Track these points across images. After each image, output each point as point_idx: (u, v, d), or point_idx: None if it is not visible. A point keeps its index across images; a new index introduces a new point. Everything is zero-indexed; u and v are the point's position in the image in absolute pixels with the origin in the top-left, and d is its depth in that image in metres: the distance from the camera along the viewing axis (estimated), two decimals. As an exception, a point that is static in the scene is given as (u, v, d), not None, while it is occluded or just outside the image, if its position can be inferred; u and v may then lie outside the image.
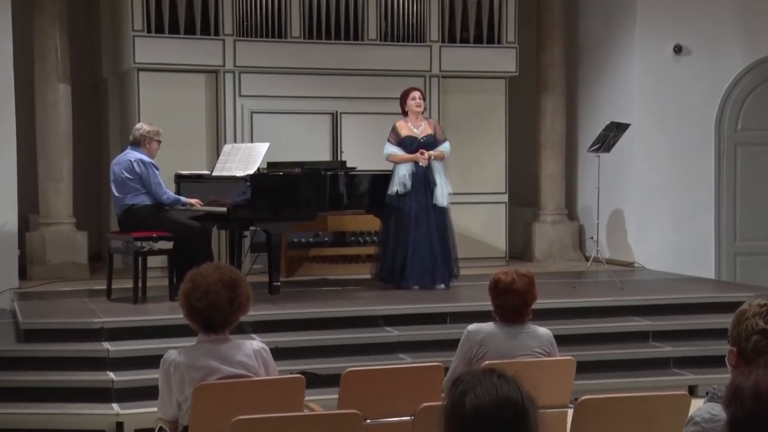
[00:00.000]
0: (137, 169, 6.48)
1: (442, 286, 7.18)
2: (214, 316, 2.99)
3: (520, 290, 3.66)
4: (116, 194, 6.55)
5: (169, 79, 8.12)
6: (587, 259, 8.62)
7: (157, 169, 6.54)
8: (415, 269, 7.14)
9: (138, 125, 6.70)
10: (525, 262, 9.15)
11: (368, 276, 7.47)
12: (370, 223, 7.82)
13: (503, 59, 8.87)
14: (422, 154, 7.15)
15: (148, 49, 7.95)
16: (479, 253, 8.81)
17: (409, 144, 7.25)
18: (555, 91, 9.40)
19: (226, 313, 3.00)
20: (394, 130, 7.31)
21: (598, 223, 7.91)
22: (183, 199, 6.67)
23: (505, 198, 9.03)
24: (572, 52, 9.61)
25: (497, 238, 8.97)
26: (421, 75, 8.66)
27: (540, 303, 3.95)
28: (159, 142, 6.66)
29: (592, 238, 8.30)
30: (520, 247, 9.58)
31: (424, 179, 7.17)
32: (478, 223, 8.94)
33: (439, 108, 8.74)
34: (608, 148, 7.72)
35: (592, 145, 7.72)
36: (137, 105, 8.02)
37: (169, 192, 6.61)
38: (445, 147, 7.31)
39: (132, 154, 6.57)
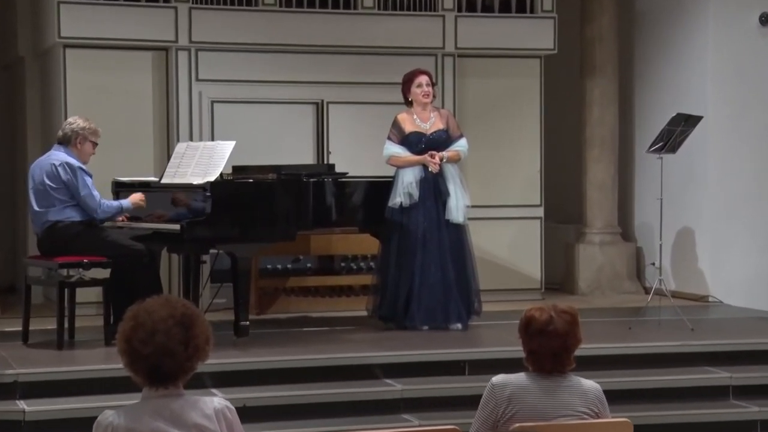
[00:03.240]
0: (62, 175, 6.50)
1: (459, 326, 7.20)
2: (163, 364, 3.00)
3: (560, 332, 3.66)
4: (36, 208, 6.57)
5: (104, 58, 8.16)
6: (647, 291, 8.63)
7: (89, 176, 6.56)
8: (424, 304, 7.16)
9: (71, 119, 6.72)
10: (566, 296, 9.16)
11: (363, 313, 7.48)
12: (366, 244, 7.83)
13: (537, 33, 8.92)
14: (432, 155, 7.18)
15: (77, 20, 8.00)
16: (507, 283, 8.82)
17: (415, 142, 7.27)
18: (604, 74, 9.44)
19: (178, 359, 3.01)
20: (396, 125, 7.34)
21: (661, 245, 7.93)
22: (124, 203, 6.68)
23: (540, 212, 9.06)
24: (627, 23, 9.66)
25: (530, 263, 8.99)
26: (431, 53, 8.70)
27: (585, 348, 3.96)
28: (94, 144, 6.69)
29: (653, 264, 8.30)
30: (559, 275, 9.59)
31: (434, 188, 7.20)
32: (505, 245, 8.96)
33: (454, 96, 8.78)
34: (674, 147, 7.75)
35: (652, 144, 7.75)
36: (63, 92, 8.06)
37: (105, 202, 6.62)
38: (461, 146, 7.33)
39: (56, 156, 6.59)
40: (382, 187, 7.28)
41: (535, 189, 9.03)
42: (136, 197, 6.74)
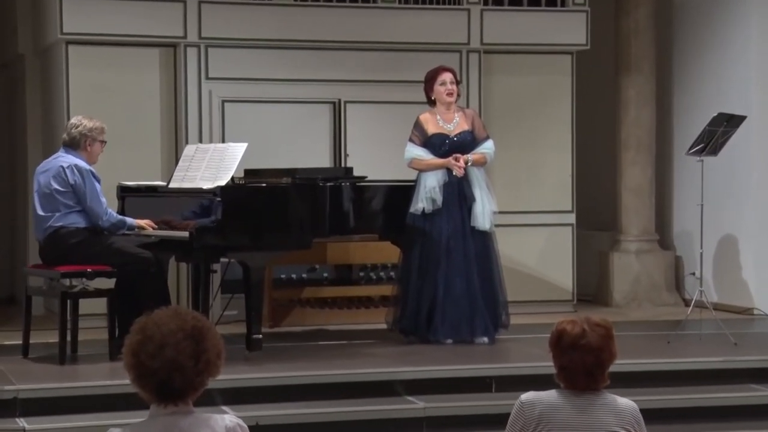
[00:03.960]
0: (70, 177, 6.54)
1: (485, 339, 7.20)
2: (172, 379, 3.01)
3: (593, 346, 3.66)
4: (40, 212, 6.61)
5: (108, 55, 8.21)
6: (687, 303, 8.60)
7: (98, 181, 6.60)
8: (448, 316, 7.16)
9: (75, 120, 6.76)
10: (599, 308, 9.14)
11: (383, 326, 7.49)
12: (386, 252, 7.84)
13: (569, 27, 8.92)
14: (456, 158, 7.19)
15: (80, 15, 8.04)
16: (536, 294, 8.82)
17: (439, 145, 7.28)
18: (641, 71, 9.43)
19: (188, 374, 3.02)
20: (418, 126, 7.36)
21: (701, 254, 7.90)
22: (129, 220, 6.72)
23: (572, 218, 9.05)
24: (664, 17, 9.64)
25: (561, 273, 8.98)
26: (455, 50, 8.71)
27: (621, 364, 3.95)
28: (103, 143, 6.73)
29: (693, 274, 8.28)
30: (592, 286, 9.57)
31: (459, 193, 7.21)
32: (535, 253, 8.95)
33: (480, 95, 8.78)
34: (715, 149, 7.72)
35: (692, 146, 7.73)
36: (65, 91, 8.10)
37: (111, 212, 6.66)
38: (487, 148, 7.34)
39: (65, 159, 6.63)
40: (404, 191, 7.28)
41: (567, 194, 9.02)
42: (144, 222, 6.72)
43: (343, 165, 8.36)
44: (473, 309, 7.16)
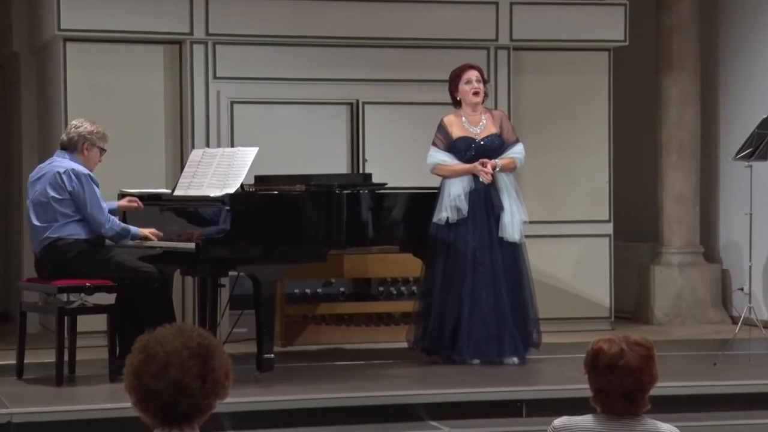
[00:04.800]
0: (67, 183, 6.56)
1: (515, 359, 7.19)
2: (177, 402, 3.02)
3: (633, 367, 3.65)
4: (35, 222, 6.63)
5: (109, 53, 8.25)
6: (734, 320, 8.57)
7: (97, 186, 6.62)
8: (474, 335, 7.16)
9: (76, 122, 6.79)
10: (639, 325, 9.13)
11: (404, 345, 7.49)
12: (407, 265, 7.85)
13: (606, 22, 8.91)
14: (483, 164, 7.19)
15: (79, 11, 8.08)
16: (570, 310, 8.81)
17: (464, 149, 7.29)
18: (684, 69, 9.41)
19: (195, 396, 3.02)
20: (442, 129, 7.36)
21: (750, 267, 7.87)
22: (133, 229, 6.73)
23: (609, 229, 9.03)
24: (709, 11, 9.62)
25: (597, 288, 8.96)
26: (482, 46, 8.72)
27: (662, 387, 3.94)
28: (102, 150, 6.76)
29: (741, 289, 8.25)
30: (631, 302, 9.55)
31: (486, 201, 7.21)
32: (569, 267, 8.94)
33: (509, 94, 8.79)
34: (765, 154, 7.69)
35: (740, 150, 7.71)
36: (62, 92, 8.14)
37: (114, 219, 6.68)
38: (516, 152, 7.34)
39: (61, 163, 6.65)
40: (426, 199, 7.29)
41: (603, 202, 9.01)
42: (149, 231, 6.74)
43: (361, 171, 8.37)
44: (502, 327, 7.15)
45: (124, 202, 6.94)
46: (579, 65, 8.96)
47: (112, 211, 6.74)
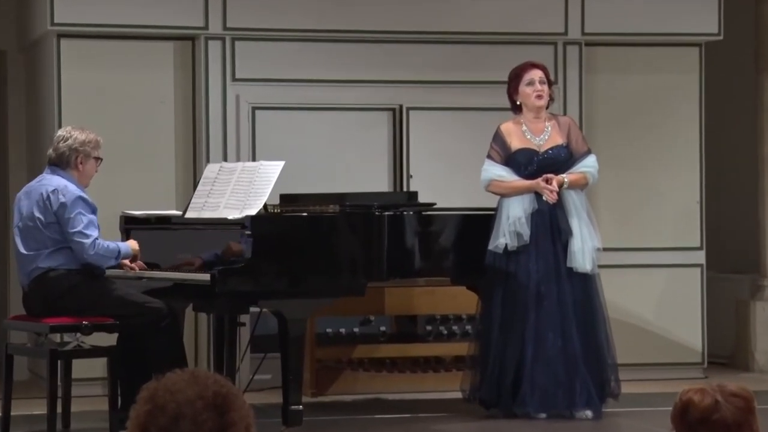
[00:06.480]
0: (53, 203, 6.57)
1: (589, 413, 7.16)
2: (190, 463, 3.02)
3: (729, 422, 3.62)
4: (22, 251, 6.67)
5: (110, 50, 8.31)
6: None
7: (91, 210, 6.60)
8: (539, 383, 7.13)
9: (63, 132, 6.83)
10: (737, 373, 9.08)
11: (458, 395, 7.46)
12: (460, 300, 7.85)
13: (696, 13, 8.89)
14: (548, 180, 7.16)
15: (75, 2, 8.15)
16: (655, 355, 8.76)
17: (525, 162, 7.28)
18: (788, 68, 9.37)
19: (211, 456, 3.02)
20: (499, 139, 7.37)
21: None
22: (123, 245, 6.70)
23: (701, 257, 8.99)
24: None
25: (687, 328, 8.91)
26: (549, 42, 8.73)
27: (767, 445, 3.90)
28: (99, 159, 6.78)
29: None
30: (728, 345, 9.48)
31: (551, 225, 7.21)
32: (652, 303, 8.89)
33: (581, 98, 8.77)
34: None
35: None
36: (56, 94, 8.19)
37: (101, 242, 6.62)
38: (588, 166, 7.33)
39: (50, 181, 6.68)
40: (481, 223, 7.30)
41: (694, 226, 8.95)
42: (135, 243, 6.76)
43: (404, 189, 8.37)
44: (572, 373, 7.14)
45: (135, 245, 6.87)
46: (664, 63, 8.94)
47: (126, 255, 6.72)
